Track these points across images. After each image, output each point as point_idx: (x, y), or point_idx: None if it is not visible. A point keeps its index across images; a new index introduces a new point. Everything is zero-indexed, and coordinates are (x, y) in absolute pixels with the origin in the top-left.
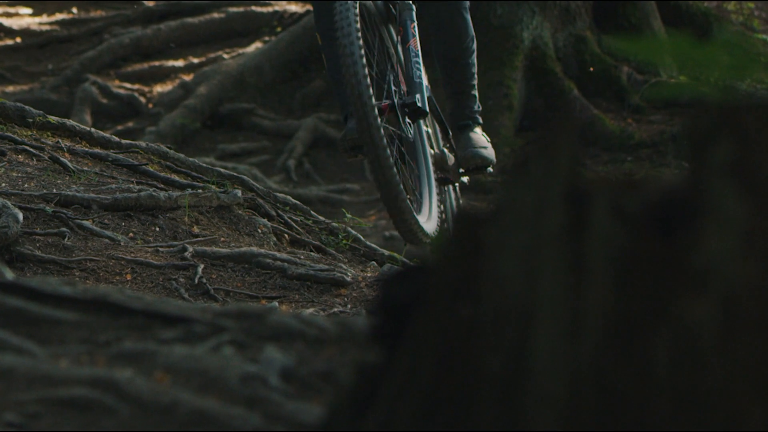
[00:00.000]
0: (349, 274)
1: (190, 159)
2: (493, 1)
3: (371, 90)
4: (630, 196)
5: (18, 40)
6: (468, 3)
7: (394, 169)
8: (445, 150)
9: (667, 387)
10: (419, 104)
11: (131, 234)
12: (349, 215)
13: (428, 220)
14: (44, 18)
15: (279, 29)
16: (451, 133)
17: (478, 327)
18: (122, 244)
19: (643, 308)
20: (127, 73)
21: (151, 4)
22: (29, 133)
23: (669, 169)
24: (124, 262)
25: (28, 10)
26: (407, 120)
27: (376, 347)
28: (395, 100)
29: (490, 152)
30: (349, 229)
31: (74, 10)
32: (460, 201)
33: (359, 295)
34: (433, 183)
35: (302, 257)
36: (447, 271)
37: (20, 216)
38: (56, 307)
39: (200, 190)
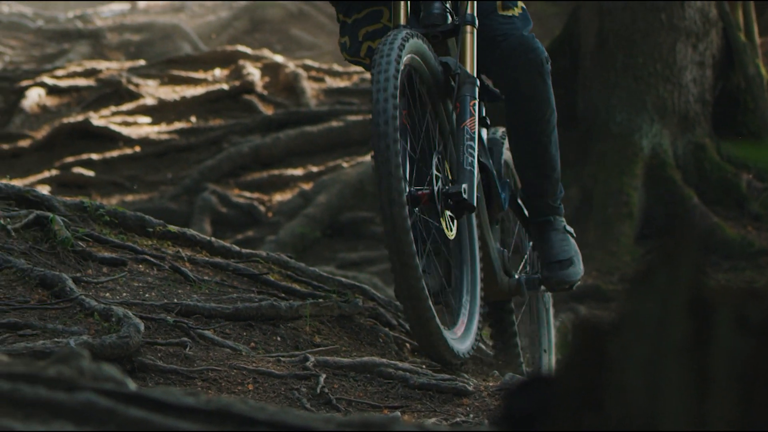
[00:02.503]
0: (471, 383)
1: (311, 268)
2: (613, 109)
3: (403, 170)
4: (753, 305)
5: (137, 149)
6: (549, 68)
7: (419, 270)
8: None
9: None
10: (465, 196)
11: (253, 344)
12: None
13: (462, 338)
14: (163, 127)
15: None
16: (528, 232)
17: None
18: (244, 353)
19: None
20: (246, 182)
21: (269, 113)
22: (150, 242)
23: None
24: (246, 372)
25: (147, 119)
26: (448, 214)
27: None
28: (435, 188)
29: (575, 269)
30: None
31: (193, 119)
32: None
33: (482, 405)
34: (478, 294)
35: (424, 366)
36: (570, 381)
37: (141, 326)
38: (179, 418)
39: (321, 300)
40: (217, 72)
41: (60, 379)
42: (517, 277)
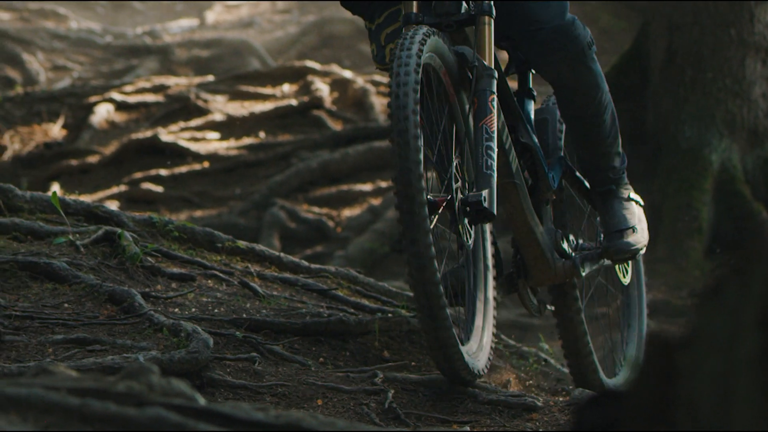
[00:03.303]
0: (540, 398)
1: (380, 283)
2: (682, 124)
3: (424, 180)
4: None
5: (206, 164)
6: (594, 51)
7: (440, 285)
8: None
9: None
10: (485, 204)
11: (321, 359)
12: (544, 343)
13: (476, 354)
14: (232, 142)
15: None
16: (591, 203)
17: None
18: (313, 369)
19: None
20: (315, 197)
21: (338, 128)
22: (218, 258)
23: None
24: (315, 388)
25: (216, 135)
26: (466, 222)
27: None
28: (455, 195)
29: (636, 238)
30: (540, 352)
31: (262, 134)
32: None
33: (551, 420)
34: (491, 305)
35: (493, 382)
36: (640, 395)
37: (210, 341)
38: None
39: (390, 315)
40: (286, 87)
41: (129, 394)
42: (573, 256)
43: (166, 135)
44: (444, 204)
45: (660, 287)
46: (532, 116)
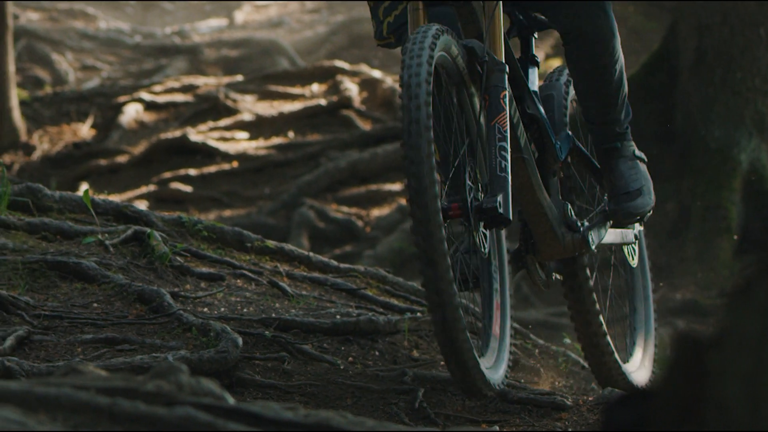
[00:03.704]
0: (569, 397)
1: (409, 283)
2: (711, 124)
3: (437, 187)
4: None
5: (235, 164)
6: (610, 2)
7: (457, 297)
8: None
9: None
10: (500, 210)
11: (351, 358)
12: (568, 339)
13: (494, 367)
14: (260, 142)
15: None
16: (596, 163)
17: None
18: (342, 368)
19: None
20: (344, 197)
21: (367, 128)
22: (248, 257)
23: None
24: (344, 387)
25: (245, 135)
26: (481, 228)
27: None
28: (469, 200)
29: (643, 200)
30: (569, 352)
31: (290, 134)
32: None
33: (580, 419)
34: (508, 315)
35: (522, 381)
36: (670, 395)
37: (240, 341)
38: None
39: (419, 314)
40: (315, 87)
41: (159, 393)
42: (582, 228)
43: (195, 135)
44: (458, 209)
45: (689, 287)
46: (537, 84)
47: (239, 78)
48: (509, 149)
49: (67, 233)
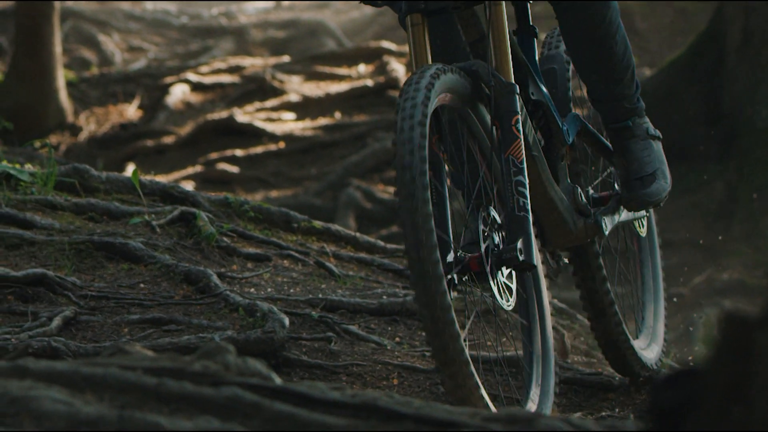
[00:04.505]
0: (616, 377)
1: None
2: (758, 104)
3: (435, 238)
4: None
5: (281, 145)
6: None
7: (475, 377)
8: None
9: None
10: (521, 258)
11: (397, 338)
12: None
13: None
14: (307, 123)
15: None
16: (609, 145)
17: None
18: (389, 348)
19: None
20: (390, 178)
21: None
22: (294, 238)
23: None
24: (391, 367)
25: (291, 115)
26: (501, 280)
27: None
28: (482, 248)
29: (659, 185)
30: None
31: (337, 114)
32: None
33: (627, 399)
34: (552, 364)
35: (569, 361)
36: (717, 374)
37: (286, 321)
38: (325, 413)
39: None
40: (362, 68)
41: (206, 373)
42: (594, 215)
43: (241, 115)
44: (476, 262)
45: (736, 267)
46: (537, 56)
47: (286, 59)
48: (527, 182)
49: (114, 214)
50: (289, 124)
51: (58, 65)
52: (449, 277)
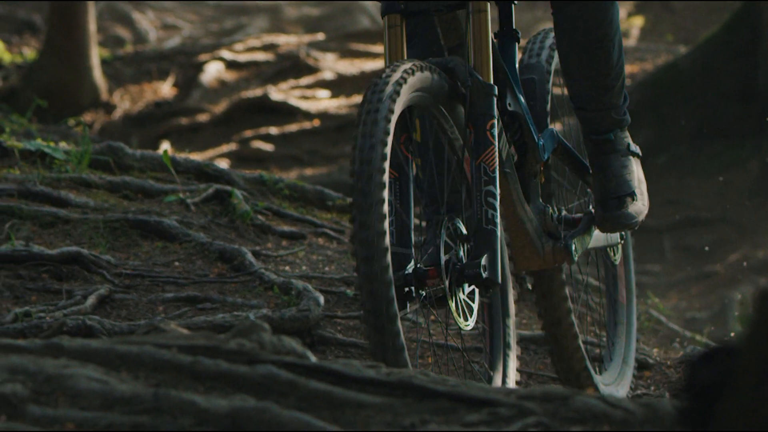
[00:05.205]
0: (652, 355)
1: None
2: None
3: (389, 254)
4: None
5: (316, 123)
6: None
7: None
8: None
9: None
10: (485, 275)
11: (432, 317)
12: (652, 298)
13: None
14: (342, 101)
15: None
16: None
17: None
18: (423, 326)
19: None
20: None
21: None
22: (329, 216)
23: None
24: (426, 345)
25: (326, 93)
26: (461, 298)
27: (684, 429)
28: (442, 262)
29: (636, 207)
30: (651, 310)
31: None
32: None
33: (663, 378)
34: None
35: (604, 339)
36: (754, 352)
37: (321, 299)
38: (360, 391)
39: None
40: None
41: (241, 352)
42: (564, 238)
43: (276, 93)
44: (435, 275)
45: None
46: (517, 63)
47: (320, 36)
48: (498, 192)
49: (149, 192)
50: (323, 101)
51: (93, 43)
52: (406, 290)
